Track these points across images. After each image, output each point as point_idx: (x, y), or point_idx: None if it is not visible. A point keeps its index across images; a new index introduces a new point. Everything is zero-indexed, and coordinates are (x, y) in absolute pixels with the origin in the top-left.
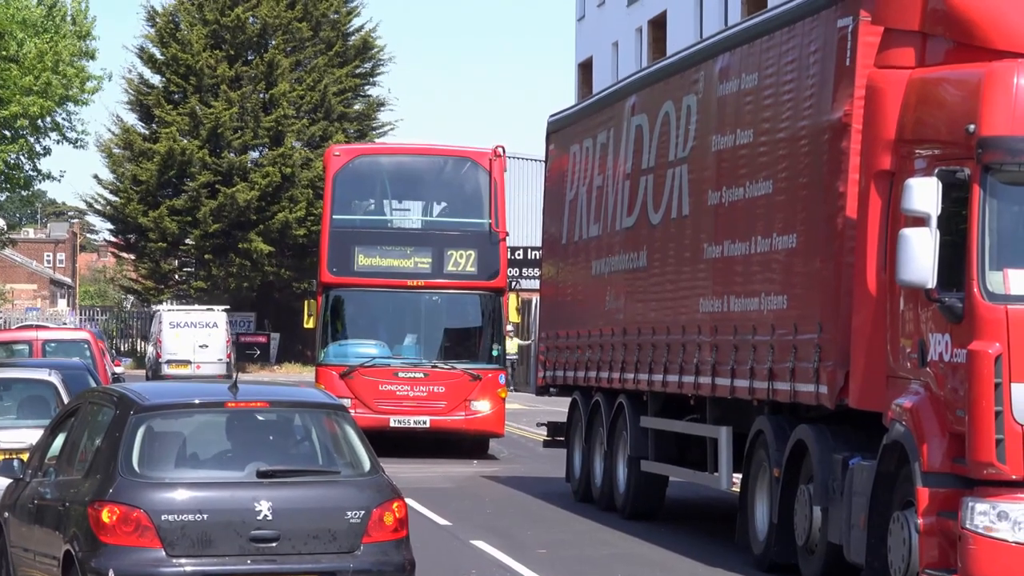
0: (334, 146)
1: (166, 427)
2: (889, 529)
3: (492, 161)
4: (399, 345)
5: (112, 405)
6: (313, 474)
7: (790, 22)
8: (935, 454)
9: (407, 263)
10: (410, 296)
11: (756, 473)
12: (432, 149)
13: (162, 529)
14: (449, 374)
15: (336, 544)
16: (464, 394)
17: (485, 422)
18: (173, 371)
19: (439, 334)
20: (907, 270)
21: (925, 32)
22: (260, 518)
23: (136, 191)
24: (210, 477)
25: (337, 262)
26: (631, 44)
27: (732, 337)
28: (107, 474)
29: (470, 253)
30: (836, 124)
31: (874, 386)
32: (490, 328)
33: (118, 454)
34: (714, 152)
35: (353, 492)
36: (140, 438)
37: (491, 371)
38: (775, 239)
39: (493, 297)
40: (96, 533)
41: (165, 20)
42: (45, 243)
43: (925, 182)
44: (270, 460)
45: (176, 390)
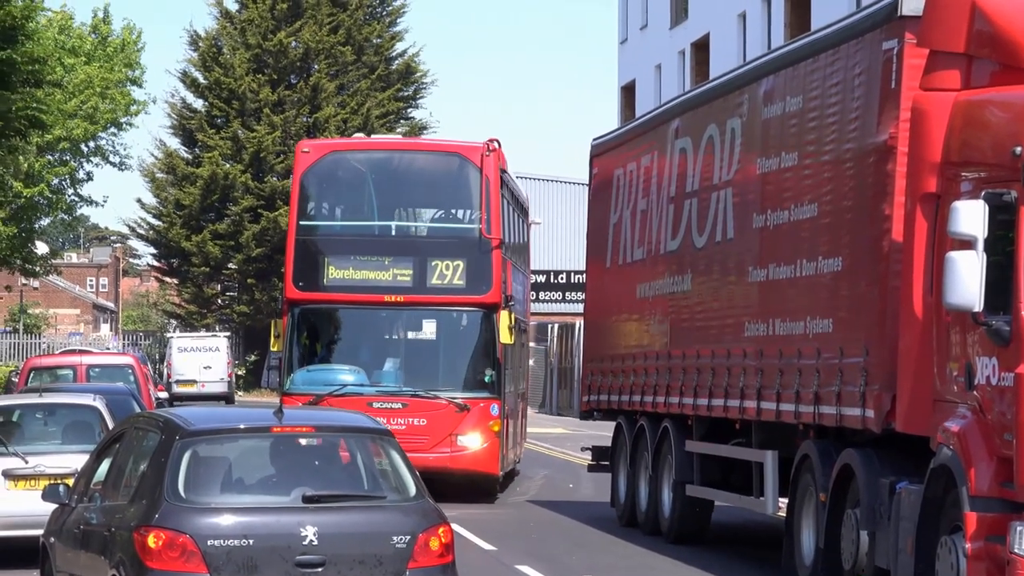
0: (303, 141)
1: (211, 452)
2: (937, 554)
3: (484, 157)
4: (377, 371)
5: (158, 430)
6: (359, 499)
7: (834, 45)
8: (983, 478)
9: (385, 276)
10: (388, 314)
11: (802, 497)
12: (415, 144)
13: (208, 554)
14: (432, 404)
15: (382, 569)
16: (449, 427)
17: (475, 460)
18: (180, 389)
19: (421, 358)
20: (954, 293)
21: (970, 54)
22: (306, 543)
23: (179, 215)
24: (256, 502)
25: (304, 275)
26: (674, 67)
27: (777, 361)
28: (153, 499)
29: (458, 263)
30: (881, 147)
31: (921, 410)
32: (481, 351)
33: (164, 479)
34: (759, 175)
35: (399, 517)
36: (186, 463)
37: (482, 400)
38: (820, 262)
39: (485, 314)
40: (142, 558)
41: (208, 44)
42: (88, 268)
43: (971, 205)
44: (316, 485)
45: (221, 415)
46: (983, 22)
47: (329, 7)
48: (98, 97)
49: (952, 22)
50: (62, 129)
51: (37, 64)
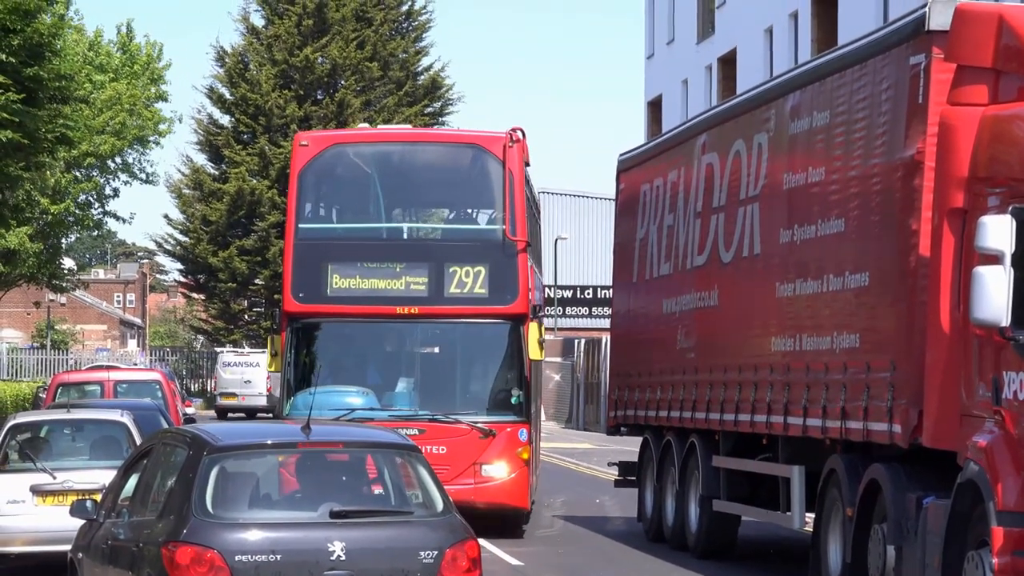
0: (301, 133)
1: (239, 468)
2: (964, 569)
3: (507, 148)
4: (388, 392)
5: (185, 446)
6: (386, 514)
7: (862, 60)
8: (1010, 493)
9: (396, 284)
10: (401, 328)
11: (829, 512)
12: (428, 135)
13: (236, 570)
14: (452, 430)
15: None
16: (472, 456)
17: (502, 492)
18: (224, 401)
19: (440, 377)
20: (981, 308)
21: (998, 69)
22: (333, 558)
23: (206, 231)
24: (283, 518)
25: (305, 285)
26: (701, 82)
27: (804, 376)
28: (181, 515)
29: (479, 270)
30: (909, 162)
31: (948, 425)
32: (507, 368)
33: (191, 495)
34: (785, 190)
35: (426, 532)
36: (213, 479)
37: (508, 424)
38: (847, 277)
39: (511, 327)
40: (170, 573)
41: (234, 60)
42: (115, 284)
43: (999, 220)
44: (343, 500)
45: (249, 431)
46: (1011, 37)
47: (355, 23)
48: (126, 113)
49: (979, 37)
50: (89, 145)
51: (64, 81)
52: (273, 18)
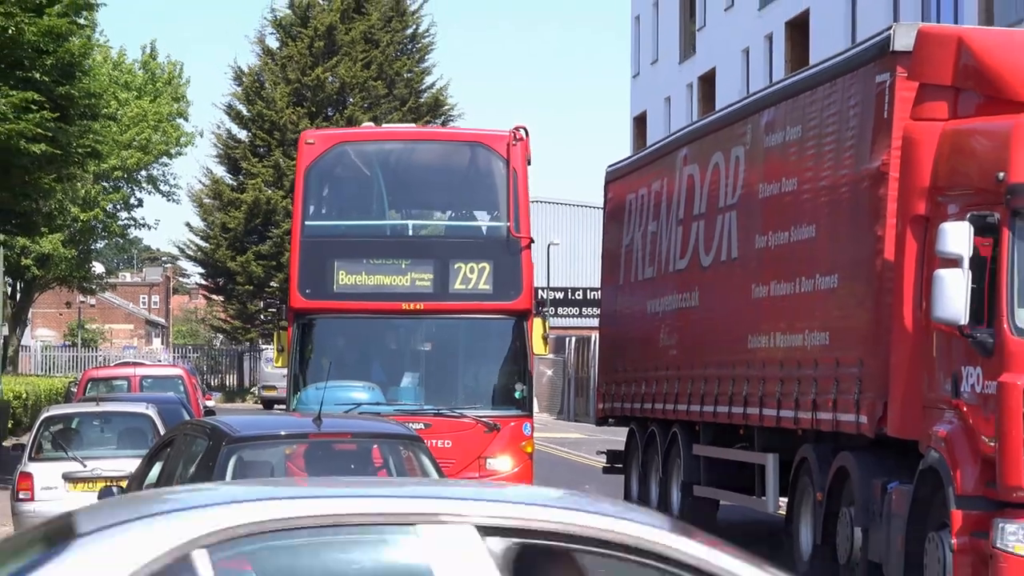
0: (307, 132)
1: (255, 457)
2: (925, 549)
3: (511, 146)
4: (394, 387)
5: (206, 436)
6: None
7: (831, 78)
8: (968, 479)
9: (402, 281)
10: (406, 323)
11: (801, 497)
12: (432, 133)
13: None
14: (458, 424)
15: None
16: (478, 449)
17: None
18: (266, 394)
19: (445, 372)
20: (941, 308)
21: (957, 87)
22: None
23: (225, 238)
24: None
25: (311, 282)
26: (682, 99)
27: (778, 371)
28: None
29: (484, 266)
30: (875, 173)
31: (911, 416)
32: (511, 363)
33: (212, 482)
34: (761, 199)
35: None
36: (232, 467)
37: (512, 419)
38: (818, 280)
39: (515, 323)
40: None
41: (251, 79)
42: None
43: (958, 226)
44: None
45: (263, 422)
46: (969, 57)
47: (363, 44)
48: (151, 130)
49: (940, 57)
50: (116, 159)
51: (93, 98)
52: (287, 40)
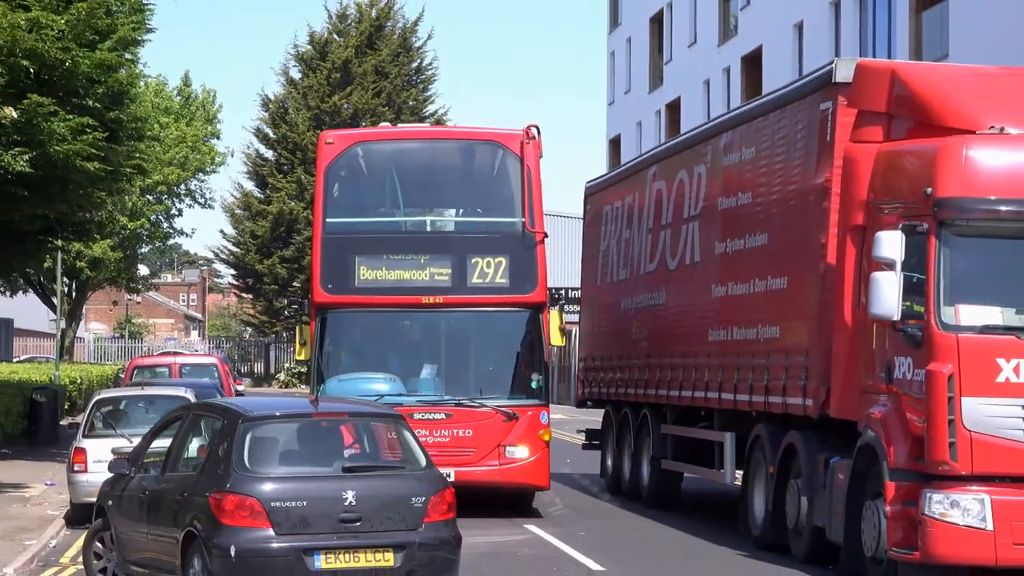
0: (326, 132)
1: (266, 433)
2: (863, 515)
3: (524, 145)
4: (414, 379)
5: (220, 416)
6: (385, 469)
7: (781, 106)
8: (900, 454)
9: (421, 275)
10: (426, 317)
11: (754, 470)
12: (448, 132)
13: (272, 513)
14: (478, 414)
15: (404, 523)
16: (497, 438)
17: (524, 472)
18: None
19: (464, 364)
20: (877, 306)
21: (891, 113)
22: (347, 504)
23: (253, 244)
24: (305, 472)
25: (333, 277)
26: (652, 124)
27: (735, 360)
28: (224, 470)
29: (500, 260)
30: (819, 188)
31: (850, 399)
32: (528, 354)
33: (231, 455)
34: (720, 211)
35: (415, 483)
36: (248, 442)
37: (530, 408)
38: (770, 281)
39: (530, 315)
40: (218, 516)
41: (276, 106)
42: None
43: (891, 234)
44: (352, 458)
45: (270, 404)
46: (901, 87)
47: (374, 76)
48: (189, 149)
49: (876, 87)
50: (159, 175)
51: (139, 122)
52: (308, 72)
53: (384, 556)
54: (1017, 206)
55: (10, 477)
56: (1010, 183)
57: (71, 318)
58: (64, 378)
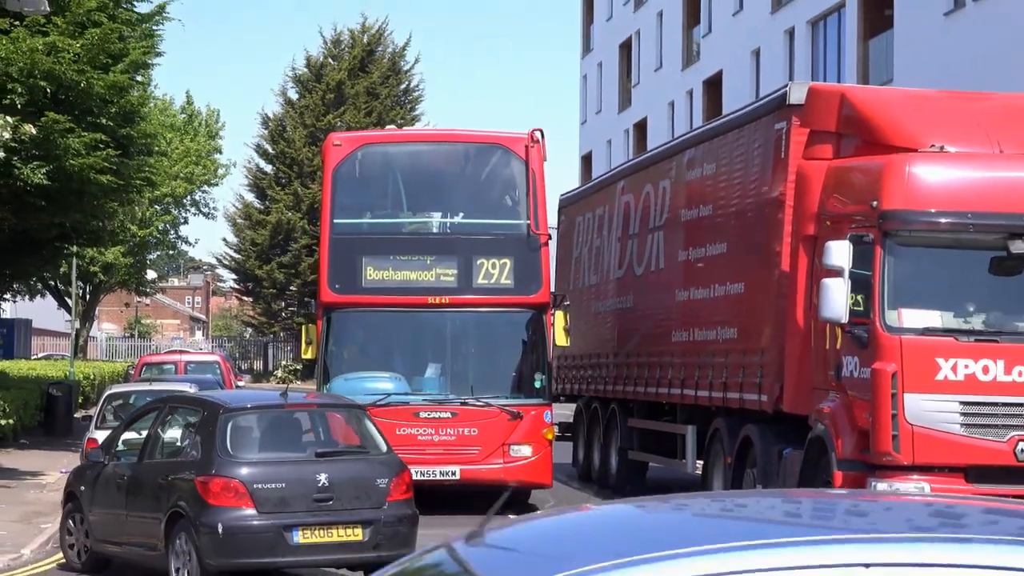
0: (333, 134)
1: (244, 423)
2: None
3: (529, 148)
4: (420, 378)
5: (201, 408)
6: (352, 454)
7: (739, 125)
8: (847, 446)
9: (427, 276)
10: (432, 317)
11: (714, 460)
12: (454, 135)
13: (254, 494)
14: (483, 412)
15: (371, 502)
16: (502, 436)
17: (528, 470)
18: None
19: (469, 363)
20: (827, 309)
21: (840, 133)
22: (320, 485)
23: (254, 251)
24: (284, 457)
25: (340, 277)
26: (621, 142)
27: (696, 359)
28: (208, 456)
29: (505, 262)
30: (774, 201)
31: (802, 395)
32: (532, 354)
33: (215, 442)
34: (683, 221)
35: (379, 466)
36: (230, 430)
37: (534, 407)
38: (728, 286)
39: (534, 315)
40: (204, 498)
41: (275, 124)
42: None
43: (840, 244)
44: (322, 444)
45: (245, 396)
46: (849, 109)
47: (365, 97)
48: (193, 164)
49: (826, 109)
50: (167, 188)
51: (149, 139)
52: (304, 93)
53: (354, 531)
54: (955, 218)
55: (28, 465)
56: (949, 197)
57: (85, 319)
58: (78, 374)
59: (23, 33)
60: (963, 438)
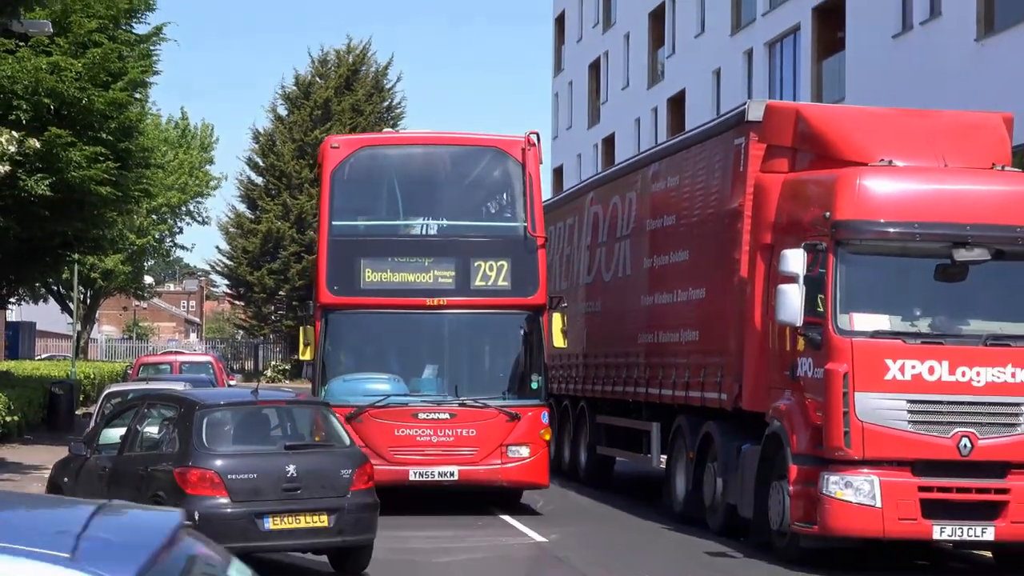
0: (332, 137)
1: (218, 418)
2: (769, 494)
3: (525, 151)
4: (417, 379)
5: (178, 404)
6: (318, 447)
7: (701, 140)
8: (801, 441)
9: (425, 278)
10: (430, 318)
11: (677, 455)
12: (452, 138)
13: (228, 484)
14: (481, 413)
15: (335, 491)
16: (500, 437)
17: (525, 471)
18: None
19: (467, 364)
20: (783, 313)
21: (795, 148)
22: (289, 476)
23: (245, 258)
24: (255, 450)
25: (339, 279)
26: (590, 156)
27: (660, 360)
28: (186, 449)
29: (502, 263)
30: (733, 211)
31: (760, 394)
32: (529, 355)
33: (191, 436)
34: (648, 231)
35: (343, 458)
36: (205, 425)
37: (531, 408)
38: (690, 292)
39: (531, 317)
40: (182, 487)
41: (266, 138)
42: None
43: (795, 252)
44: (290, 438)
45: (218, 394)
46: (804, 125)
47: (351, 113)
48: (187, 176)
49: (782, 125)
50: (163, 198)
51: (146, 152)
52: (293, 109)
53: (320, 518)
54: (903, 228)
55: (31, 459)
56: (897, 208)
57: (86, 321)
58: (79, 374)
59: (28, 53)
60: (910, 434)
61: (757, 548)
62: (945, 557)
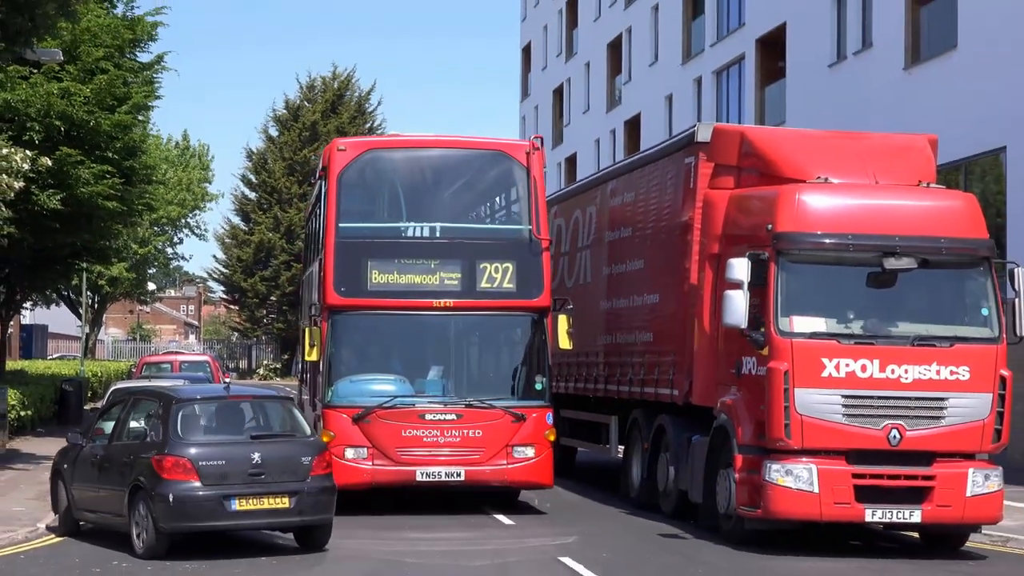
0: (338, 139)
1: (193, 411)
2: (717, 481)
3: (530, 155)
4: (424, 380)
5: (158, 399)
6: (281, 437)
7: (655, 160)
8: (746, 433)
9: (431, 279)
10: (436, 320)
11: (633, 446)
12: (457, 141)
13: (199, 469)
14: (487, 414)
15: (296, 476)
16: (505, 438)
17: (531, 471)
18: None
19: (473, 366)
20: (729, 316)
21: (740, 166)
22: (254, 463)
23: (239, 266)
24: (224, 439)
25: (345, 280)
26: (554, 173)
27: (618, 359)
28: (163, 438)
29: (507, 266)
30: (684, 224)
31: (708, 390)
32: (533, 356)
33: (168, 426)
34: (607, 242)
35: (304, 447)
36: (180, 417)
37: (535, 409)
38: (645, 297)
39: (536, 319)
40: (159, 472)
41: (258, 157)
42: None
43: (740, 261)
44: (256, 428)
45: (194, 390)
46: (748, 146)
47: (336, 134)
48: (186, 192)
49: (729, 146)
50: (164, 212)
51: (149, 169)
52: (283, 130)
53: (281, 500)
54: (838, 239)
55: (43, 451)
56: (833, 221)
57: (94, 324)
58: (88, 372)
59: (40, 79)
60: (844, 426)
61: (706, 530)
62: (876, 538)
